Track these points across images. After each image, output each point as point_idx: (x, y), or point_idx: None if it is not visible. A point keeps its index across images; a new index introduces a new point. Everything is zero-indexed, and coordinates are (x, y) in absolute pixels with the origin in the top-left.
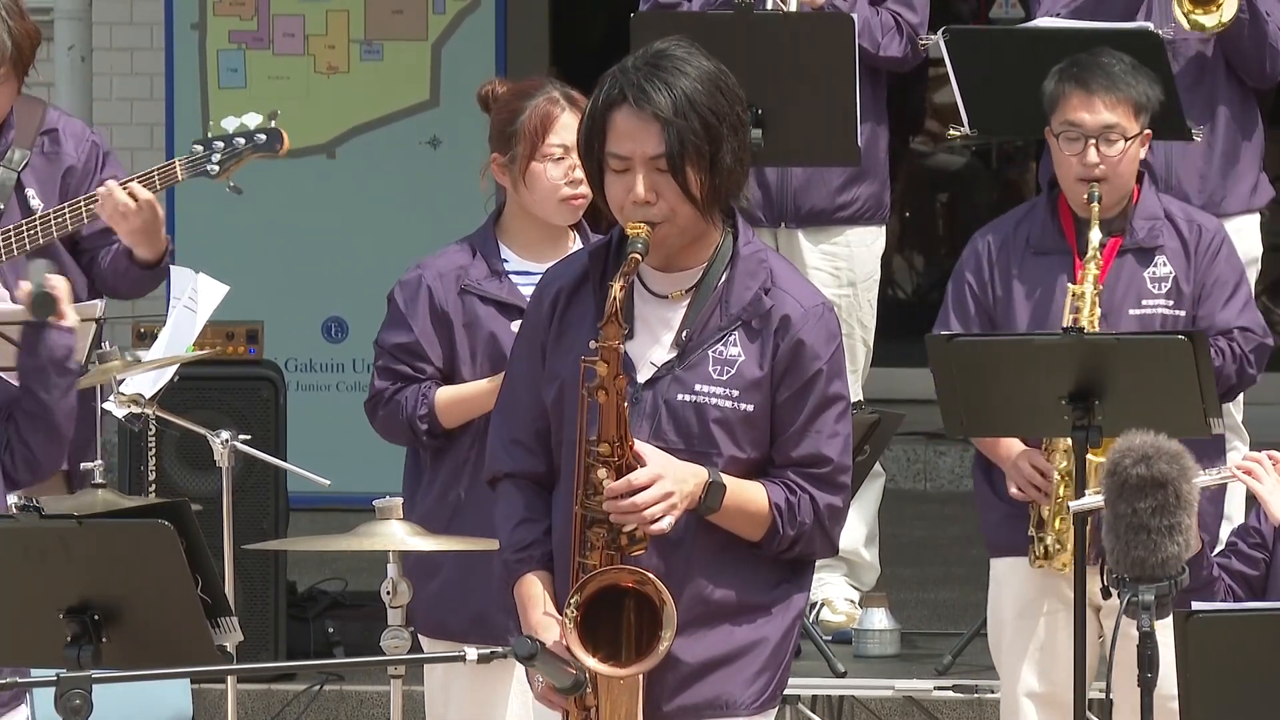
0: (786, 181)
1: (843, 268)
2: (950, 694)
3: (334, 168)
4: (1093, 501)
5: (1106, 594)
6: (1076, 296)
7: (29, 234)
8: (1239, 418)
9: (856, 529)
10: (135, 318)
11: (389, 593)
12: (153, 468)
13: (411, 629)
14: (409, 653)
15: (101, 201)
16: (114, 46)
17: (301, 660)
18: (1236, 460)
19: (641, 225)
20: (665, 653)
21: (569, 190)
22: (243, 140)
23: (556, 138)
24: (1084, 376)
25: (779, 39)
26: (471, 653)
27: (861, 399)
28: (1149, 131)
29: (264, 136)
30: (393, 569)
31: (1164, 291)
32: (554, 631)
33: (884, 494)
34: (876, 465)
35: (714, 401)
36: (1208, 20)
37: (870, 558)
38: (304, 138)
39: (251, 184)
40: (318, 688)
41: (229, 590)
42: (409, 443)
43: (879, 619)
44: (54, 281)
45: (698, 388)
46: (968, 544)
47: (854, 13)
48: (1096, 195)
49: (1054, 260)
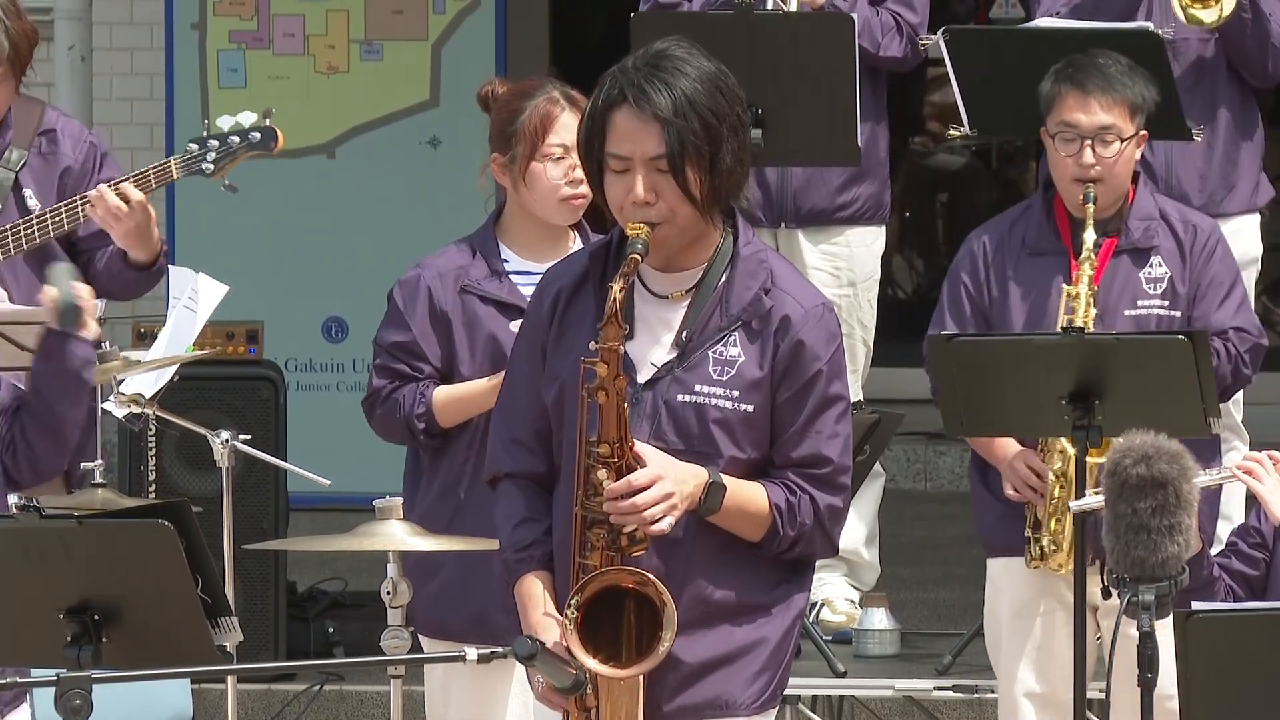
0: (786, 181)
1: (843, 268)
2: (950, 694)
3: (334, 168)
4: (1093, 502)
5: (1107, 594)
6: (1071, 297)
7: (25, 234)
8: (1239, 418)
9: (856, 529)
10: (135, 318)
11: (389, 593)
12: (153, 468)
13: (411, 629)
14: (409, 653)
15: (94, 205)
16: (114, 46)
17: (301, 660)
18: (1236, 460)
19: (641, 226)
20: (666, 654)
21: (569, 190)
22: (237, 139)
23: (556, 137)
24: (1084, 376)
25: (779, 39)
26: (471, 653)
27: (861, 399)
28: (1145, 132)
29: (258, 135)
30: (393, 569)
31: (1159, 292)
32: (554, 632)
33: (884, 494)
34: (876, 465)
35: (714, 402)
36: (1206, 15)
37: (870, 558)
38: (304, 138)
39: (251, 184)
40: (318, 688)
41: (229, 590)
42: (406, 442)
43: (879, 619)
44: (81, 291)
45: (698, 388)
46: (968, 544)
47: (854, 13)
48: (1092, 196)
49: (1049, 261)
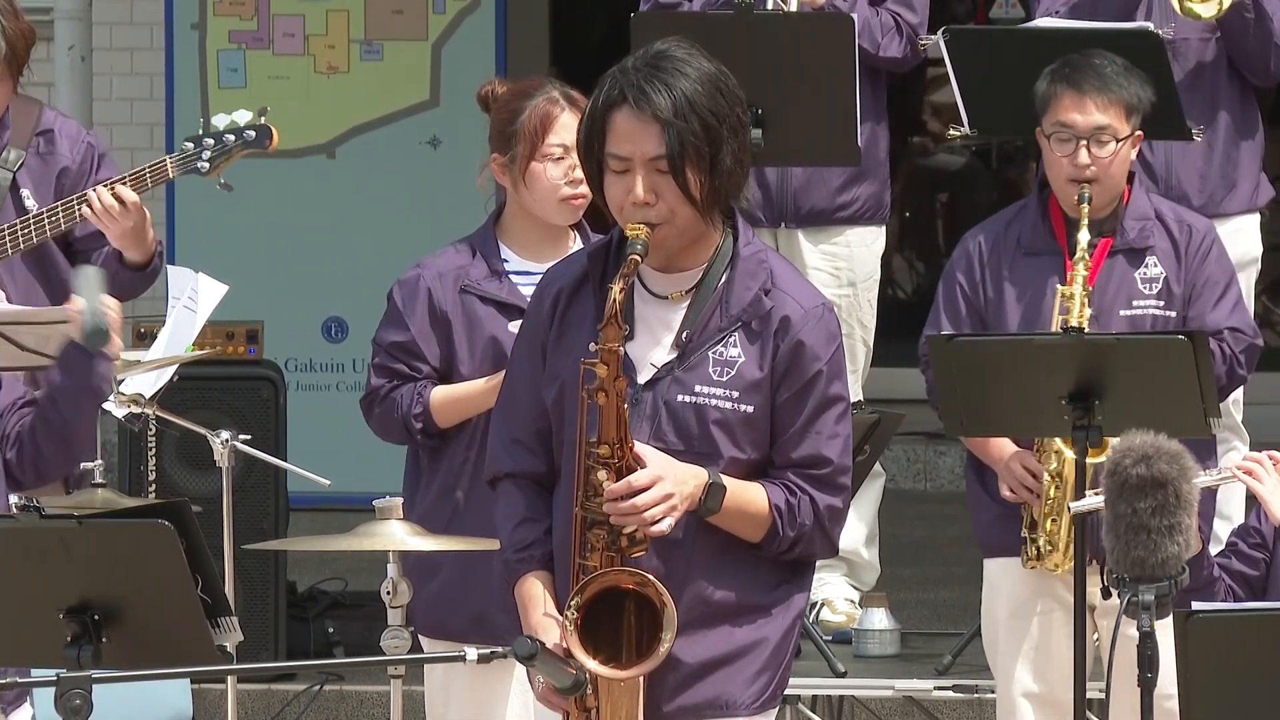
0: (786, 181)
1: (843, 268)
2: (950, 694)
3: (334, 168)
4: (1093, 502)
5: (1106, 594)
6: (1066, 297)
7: (23, 234)
8: (1239, 418)
9: (856, 529)
10: (135, 318)
11: (389, 593)
12: (153, 468)
13: (411, 629)
14: (409, 653)
15: (89, 205)
16: (114, 46)
17: (301, 660)
18: (1236, 460)
19: (641, 227)
20: (666, 655)
21: (569, 190)
22: (232, 137)
23: (556, 138)
24: (1084, 376)
25: (779, 39)
26: (471, 653)
27: (861, 399)
28: (1140, 133)
29: (253, 133)
30: (393, 569)
31: (1155, 292)
32: (555, 633)
33: (884, 494)
34: (876, 465)
35: (714, 403)
36: (1204, 10)
37: (870, 558)
38: (304, 138)
39: (252, 184)
40: (318, 688)
41: (229, 590)
42: (404, 441)
43: (879, 619)
44: (109, 308)
45: (698, 389)
46: (968, 544)
47: (854, 13)
48: (1086, 196)
49: (1045, 261)
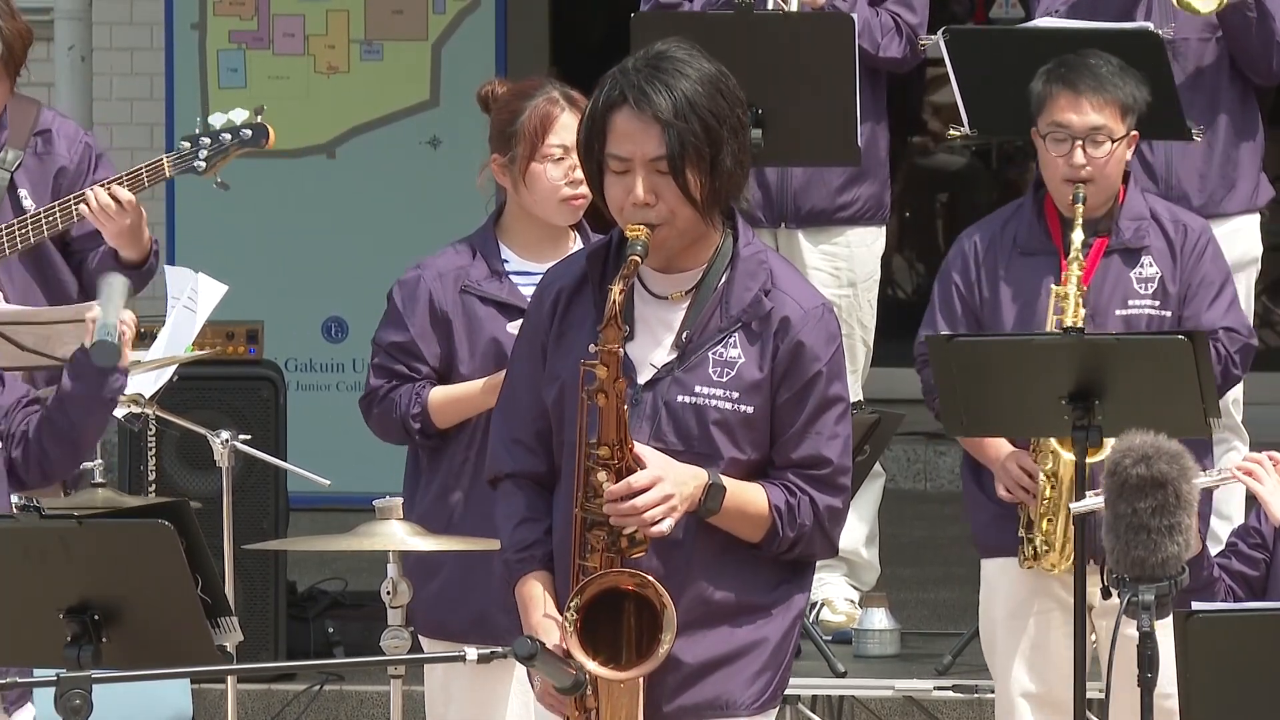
0: (786, 182)
1: (843, 268)
2: (950, 694)
3: (334, 168)
4: (1093, 503)
5: (1106, 594)
6: (1060, 297)
7: (20, 234)
8: (1239, 418)
9: (856, 529)
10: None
11: (389, 593)
12: (153, 468)
13: (411, 629)
14: (409, 653)
15: (86, 203)
16: (114, 46)
17: (301, 660)
18: (1236, 460)
19: (641, 227)
20: (665, 656)
21: (569, 191)
22: (229, 136)
23: (556, 138)
24: (1084, 376)
25: (779, 39)
26: (471, 653)
27: (861, 399)
28: (1135, 133)
29: (249, 132)
30: (393, 569)
31: (1150, 292)
32: (555, 633)
33: (884, 494)
34: (876, 465)
35: (714, 403)
36: (1202, 5)
37: (870, 558)
38: (304, 138)
39: (252, 184)
40: (318, 688)
41: (229, 590)
42: (403, 441)
43: (879, 619)
44: (125, 326)
45: (698, 389)
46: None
47: (854, 13)
48: (1081, 196)
49: (1040, 261)
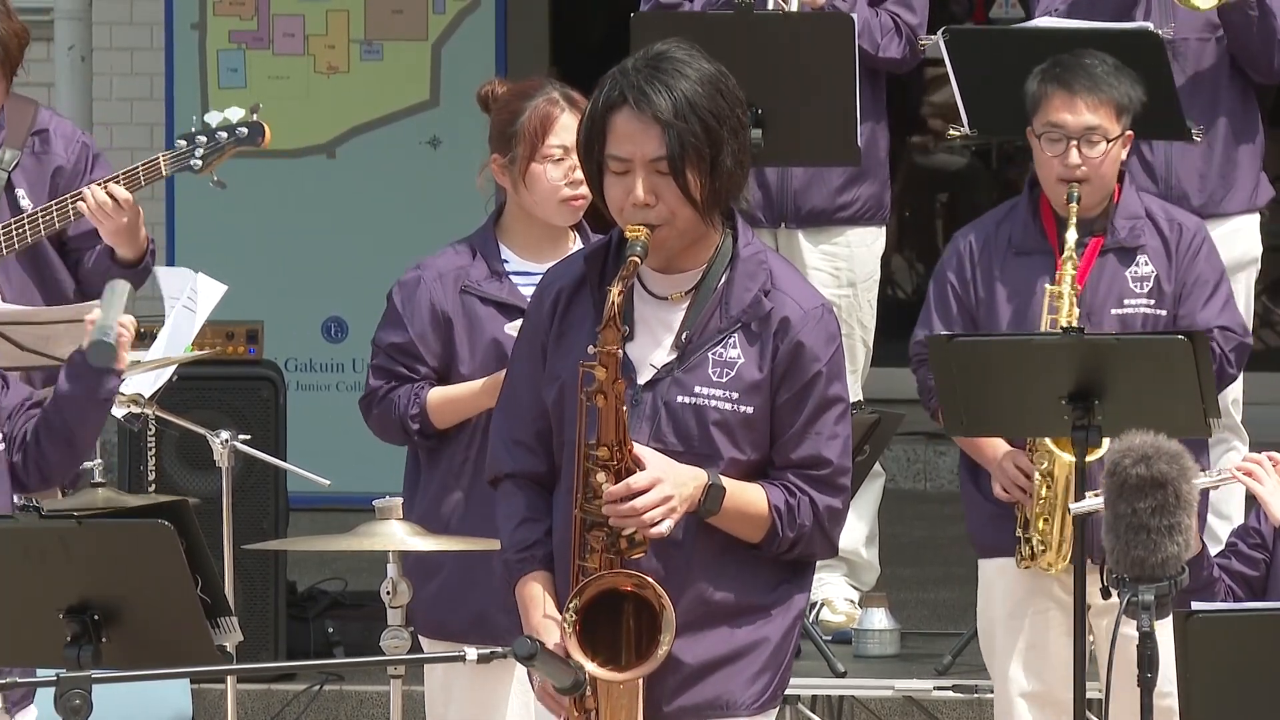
0: (786, 182)
1: (843, 268)
2: (950, 694)
3: (334, 168)
4: (1093, 504)
5: (1106, 594)
6: (1054, 296)
7: (17, 234)
8: (1239, 418)
9: (856, 529)
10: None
11: (389, 593)
12: (152, 467)
13: (411, 629)
14: (409, 653)
15: (84, 201)
16: (114, 46)
17: (301, 660)
18: (1236, 460)
19: (641, 228)
20: (664, 657)
21: (569, 191)
22: (225, 134)
23: (556, 139)
24: (1084, 376)
25: (779, 39)
26: (471, 653)
27: (861, 399)
28: (1130, 132)
29: (245, 130)
30: (393, 569)
31: (1146, 291)
32: (555, 634)
33: (884, 494)
34: (876, 465)
35: (714, 404)
36: (1202, 2)
37: (870, 558)
38: (304, 138)
39: (251, 184)
40: (318, 688)
41: (229, 590)
42: (402, 442)
43: (879, 619)
44: (124, 328)
45: (697, 390)
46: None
47: (853, 13)
48: (1075, 195)
49: (1035, 260)
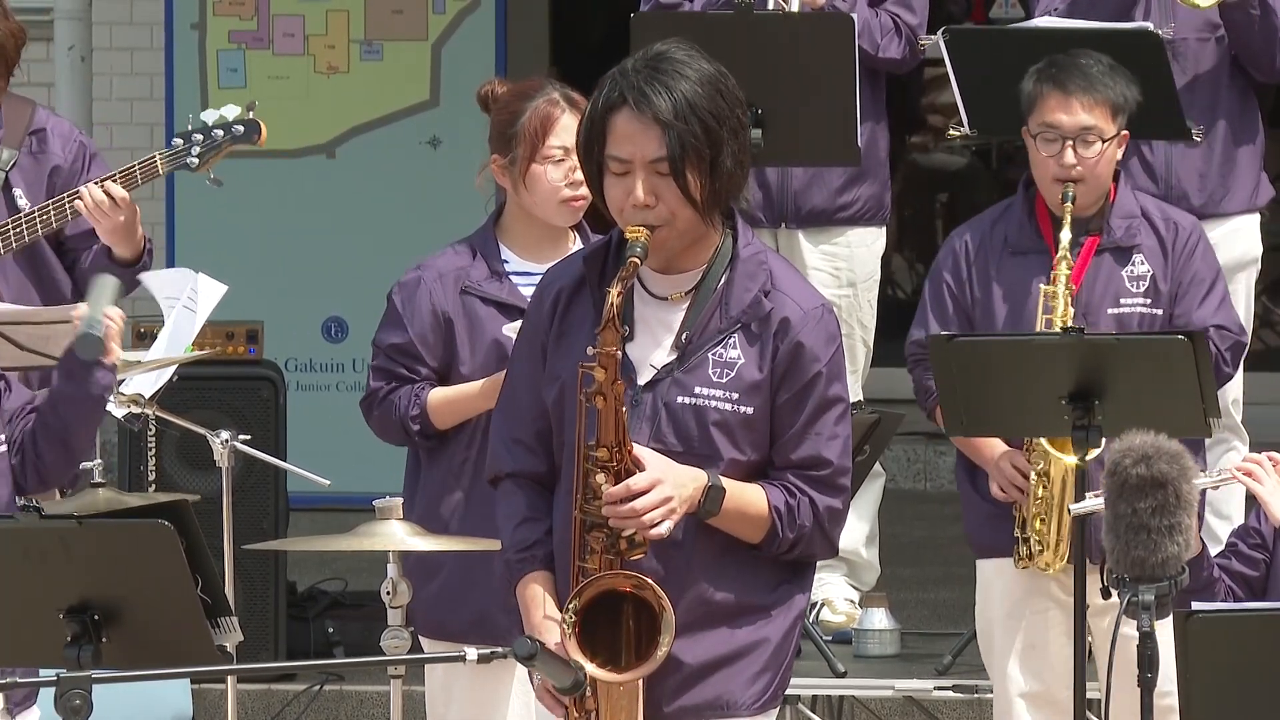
0: (787, 182)
1: (843, 268)
2: (950, 694)
3: (334, 168)
4: (1093, 504)
5: (1106, 594)
6: (1049, 296)
7: (14, 233)
8: (1239, 418)
9: (856, 529)
10: (135, 318)
11: (389, 593)
12: (152, 467)
13: (411, 629)
14: (409, 653)
15: (81, 199)
16: (114, 46)
17: (301, 660)
18: (1236, 460)
19: (640, 229)
20: (664, 658)
21: (569, 192)
22: (221, 132)
23: (557, 139)
24: (1084, 376)
25: (779, 39)
26: (471, 653)
27: (861, 399)
28: (1126, 132)
29: (241, 128)
30: (393, 569)
31: (1142, 290)
32: (556, 634)
33: (884, 494)
34: (876, 465)
35: (714, 404)
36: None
37: (870, 558)
38: (304, 138)
39: (252, 184)
40: (318, 688)
41: (229, 590)
42: (403, 442)
43: (879, 619)
44: (110, 320)
45: (697, 390)
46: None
47: (853, 13)
48: (1070, 195)
49: (1031, 260)
